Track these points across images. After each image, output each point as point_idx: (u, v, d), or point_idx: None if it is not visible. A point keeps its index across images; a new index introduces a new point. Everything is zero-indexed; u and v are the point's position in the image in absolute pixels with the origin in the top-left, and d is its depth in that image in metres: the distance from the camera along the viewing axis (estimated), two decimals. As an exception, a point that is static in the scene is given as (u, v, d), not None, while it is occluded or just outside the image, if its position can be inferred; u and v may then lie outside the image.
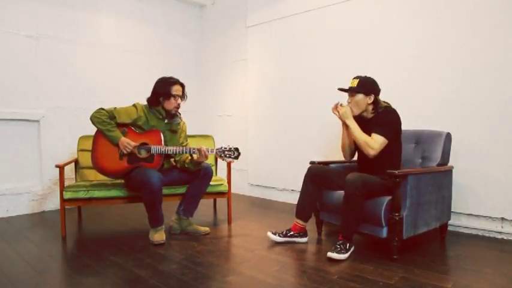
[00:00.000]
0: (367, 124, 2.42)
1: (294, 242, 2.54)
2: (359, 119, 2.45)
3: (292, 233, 2.55)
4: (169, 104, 2.67)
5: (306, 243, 2.55)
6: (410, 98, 3.06)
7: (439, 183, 2.50)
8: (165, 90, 2.65)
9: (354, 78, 2.45)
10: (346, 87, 2.47)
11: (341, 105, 2.46)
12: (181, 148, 2.64)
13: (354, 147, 2.59)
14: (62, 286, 1.90)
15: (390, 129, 2.34)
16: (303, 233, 2.56)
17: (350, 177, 2.22)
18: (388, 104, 2.48)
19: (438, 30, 2.93)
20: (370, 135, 2.34)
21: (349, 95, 2.47)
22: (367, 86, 2.40)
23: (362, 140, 2.34)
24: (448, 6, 2.87)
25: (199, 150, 2.56)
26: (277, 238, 2.54)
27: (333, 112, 2.48)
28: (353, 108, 2.42)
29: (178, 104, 2.70)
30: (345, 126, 2.50)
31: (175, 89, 2.67)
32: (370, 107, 2.43)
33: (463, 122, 2.80)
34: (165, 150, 2.59)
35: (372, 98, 2.40)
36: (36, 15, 3.57)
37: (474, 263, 2.18)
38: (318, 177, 2.53)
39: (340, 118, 2.45)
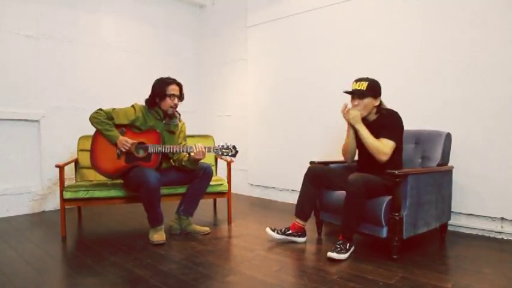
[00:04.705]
0: (370, 126, 2.41)
1: (292, 241, 2.55)
2: (362, 121, 2.44)
3: (290, 231, 2.55)
4: (165, 104, 2.68)
5: (304, 243, 2.55)
6: (411, 97, 3.06)
7: (439, 183, 2.50)
8: (160, 90, 2.65)
9: (359, 80, 2.40)
10: (349, 89, 2.45)
11: (350, 108, 2.42)
12: (178, 147, 2.64)
13: (355, 149, 2.58)
14: (62, 286, 1.90)
15: (398, 133, 2.35)
16: (301, 232, 2.56)
17: (352, 177, 2.22)
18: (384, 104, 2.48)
19: (438, 30, 2.93)
20: (379, 136, 2.34)
21: (356, 98, 2.41)
22: (375, 89, 2.38)
23: (373, 146, 2.31)
24: (448, 6, 2.87)
25: (195, 147, 2.57)
26: (275, 235, 2.54)
27: (343, 114, 2.43)
28: (361, 111, 2.39)
29: (175, 104, 2.70)
30: (353, 129, 2.46)
31: (171, 89, 2.67)
32: (374, 109, 2.43)
33: (463, 122, 2.80)
34: (162, 149, 2.60)
35: (379, 100, 2.40)
36: (36, 15, 3.57)
37: (474, 263, 2.18)
38: (318, 177, 2.53)
39: (349, 121, 2.43)
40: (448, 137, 2.58)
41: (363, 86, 2.37)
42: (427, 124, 2.87)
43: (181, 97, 2.75)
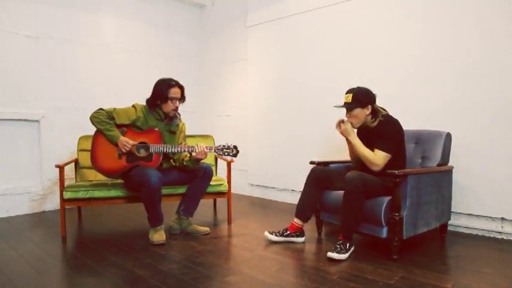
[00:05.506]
0: (371, 134, 2.41)
1: (291, 242, 2.55)
2: (363, 129, 2.45)
3: (288, 232, 2.55)
4: (167, 107, 2.68)
5: (303, 243, 2.56)
6: (411, 98, 3.06)
7: (439, 183, 2.50)
8: (163, 93, 2.65)
9: (347, 92, 2.42)
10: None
11: (342, 122, 2.44)
12: (179, 147, 2.64)
13: None
14: (62, 286, 1.90)
15: (392, 143, 2.33)
16: (299, 232, 2.56)
17: (349, 175, 2.22)
18: (385, 110, 2.47)
19: (438, 30, 2.93)
20: (374, 146, 2.34)
21: (346, 111, 2.44)
22: (361, 98, 2.37)
23: (365, 157, 2.34)
24: (448, 6, 2.87)
25: (197, 147, 2.57)
26: (273, 237, 2.54)
27: (337, 129, 2.47)
28: (353, 122, 2.41)
29: (176, 107, 2.70)
30: (348, 142, 2.48)
31: (173, 92, 2.66)
32: (369, 117, 2.42)
33: (463, 122, 2.80)
34: (163, 148, 2.60)
35: (370, 108, 2.39)
36: (36, 15, 3.57)
37: (474, 263, 2.18)
38: (321, 179, 2.53)
39: (342, 134, 2.45)
40: (448, 137, 2.58)
41: (349, 98, 2.39)
42: (427, 124, 2.87)
43: (182, 99, 2.75)
